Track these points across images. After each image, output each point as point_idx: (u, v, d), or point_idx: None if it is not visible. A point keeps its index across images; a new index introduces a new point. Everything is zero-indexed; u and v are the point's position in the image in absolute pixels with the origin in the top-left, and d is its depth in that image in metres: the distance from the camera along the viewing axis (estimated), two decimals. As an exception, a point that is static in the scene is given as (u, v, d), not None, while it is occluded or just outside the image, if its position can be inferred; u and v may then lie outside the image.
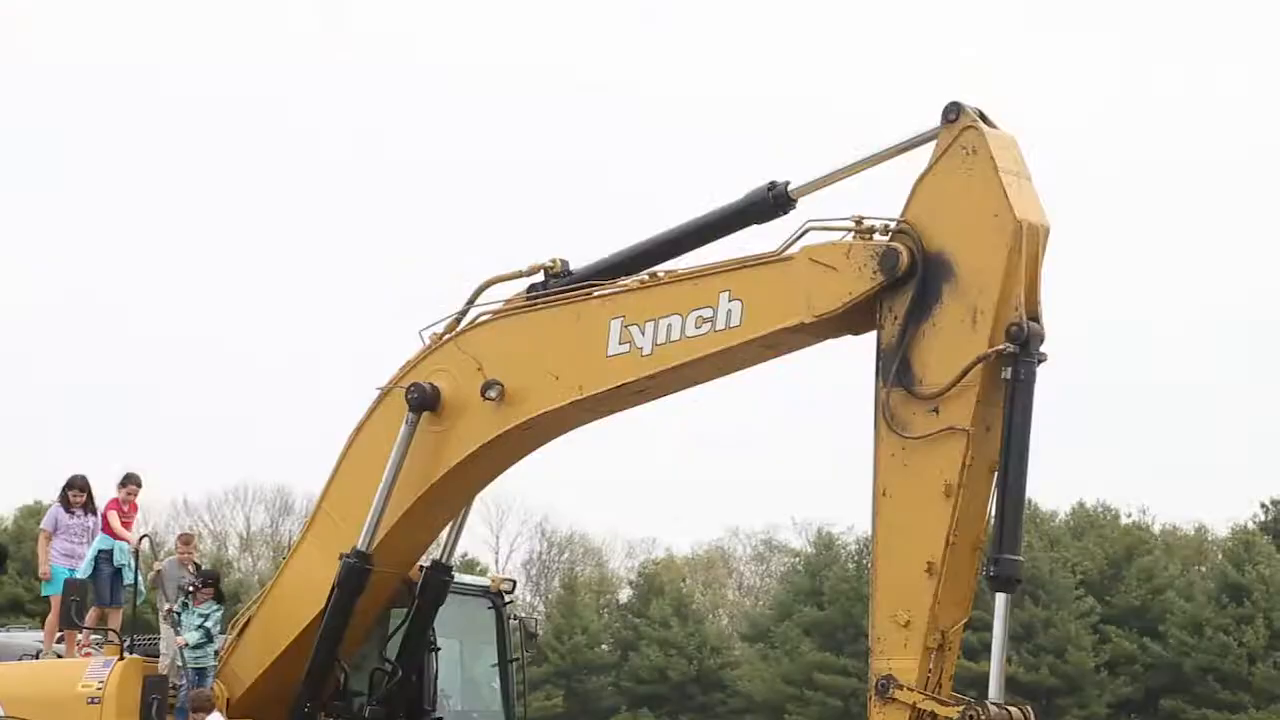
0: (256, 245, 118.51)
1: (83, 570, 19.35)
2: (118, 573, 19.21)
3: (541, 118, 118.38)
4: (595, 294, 16.30)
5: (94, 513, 20.03)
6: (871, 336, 14.66)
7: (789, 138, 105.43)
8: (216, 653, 17.99)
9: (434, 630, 18.61)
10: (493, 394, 16.67)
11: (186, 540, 19.57)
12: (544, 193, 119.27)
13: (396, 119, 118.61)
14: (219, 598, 18.19)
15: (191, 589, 18.10)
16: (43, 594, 20.45)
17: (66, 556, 19.76)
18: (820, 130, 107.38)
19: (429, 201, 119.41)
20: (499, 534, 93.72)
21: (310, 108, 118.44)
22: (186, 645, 17.85)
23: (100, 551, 19.32)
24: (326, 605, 17.54)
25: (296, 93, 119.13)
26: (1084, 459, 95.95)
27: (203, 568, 18.88)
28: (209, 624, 17.98)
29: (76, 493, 20.03)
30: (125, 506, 19.45)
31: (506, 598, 19.96)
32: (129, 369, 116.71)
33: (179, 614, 18.03)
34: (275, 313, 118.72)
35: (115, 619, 19.17)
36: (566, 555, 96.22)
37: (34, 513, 71.58)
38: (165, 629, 18.23)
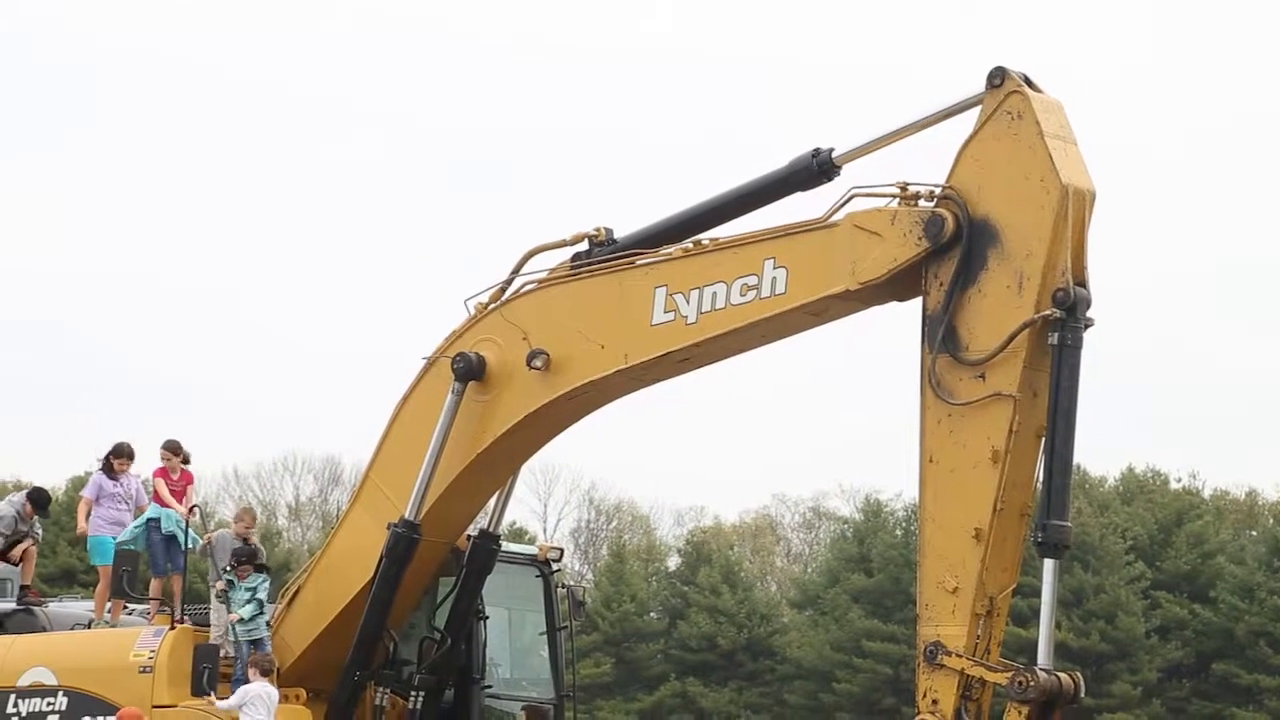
0: (303, 213, 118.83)
1: (125, 536, 19.31)
2: (168, 541, 19.19)
3: (589, 84, 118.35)
4: (639, 262, 16.31)
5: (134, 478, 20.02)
6: (917, 303, 14.63)
7: (834, 104, 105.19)
8: (268, 623, 18.07)
9: (482, 599, 18.68)
10: (538, 363, 16.70)
11: (242, 515, 19.62)
12: (588, 161, 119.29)
13: (439, 89, 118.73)
14: (261, 569, 18.24)
15: (231, 566, 18.17)
16: (92, 563, 20.52)
17: (111, 524, 19.74)
18: (865, 96, 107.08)
19: (472, 170, 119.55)
20: (546, 502, 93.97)
21: (345, 78, 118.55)
22: (241, 620, 17.91)
23: (149, 520, 19.29)
24: (375, 574, 17.63)
25: (332, 64, 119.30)
26: (1133, 423, 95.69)
27: (251, 542, 18.89)
28: (259, 594, 18.05)
29: (123, 460, 20.03)
30: (174, 475, 19.40)
31: (554, 566, 20.00)
32: (178, 339, 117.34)
33: (227, 591, 18.09)
34: (322, 284, 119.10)
35: (176, 585, 19.13)
36: (614, 523, 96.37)
37: (82, 483, 72.09)
38: (215, 602, 18.29)
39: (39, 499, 21.00)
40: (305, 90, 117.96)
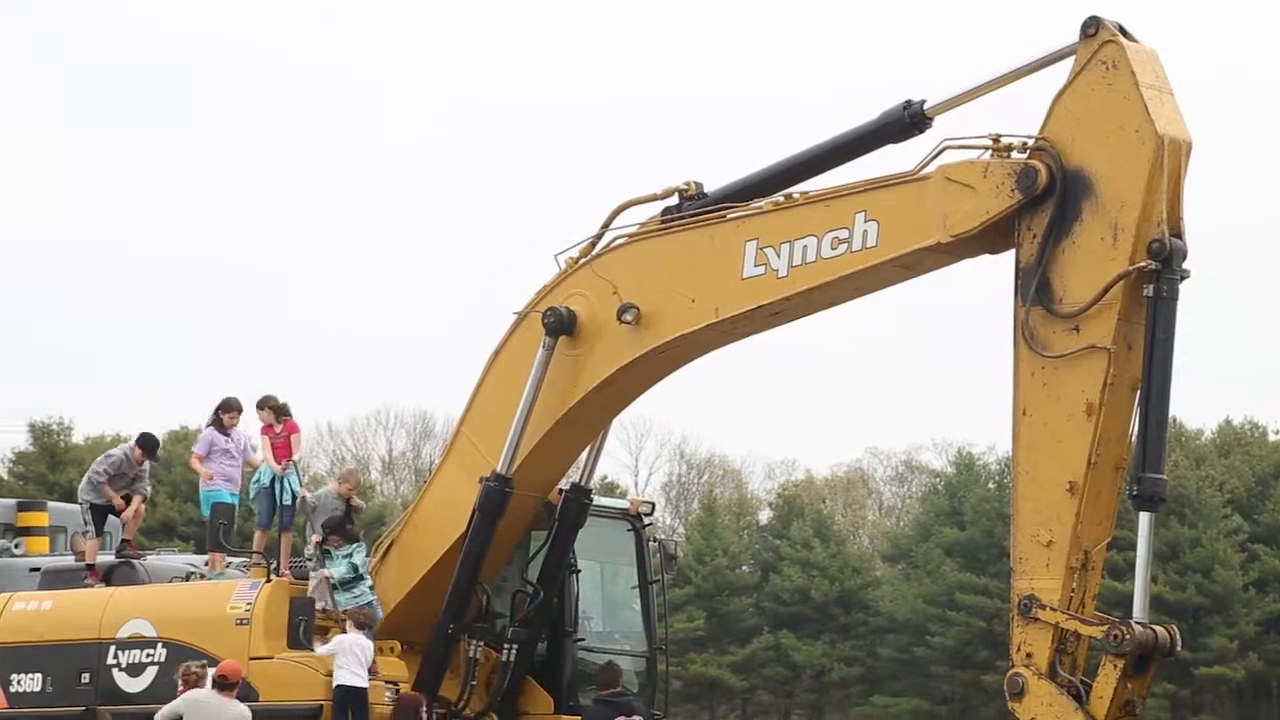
0: (393, 170, 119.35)
1: (252, 493, 19.40)
2: (270, 495, 19.28)
3: (673, 49, 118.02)
4: (730, 216, 16.27)
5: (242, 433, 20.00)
6: (1010, 255, 14.53)
7: (925, 56, 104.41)
8: (371, 588, 18.15)
9: (574, 553, 18.74)
10: (629, 317, 16.71)
11: (346, 477, 19.69)
12: (679, 119, 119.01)
13: (523, 55, 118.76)
14: (350, 538, 18.32)
15: (323, 536, 18.26)
16: (203, 516, 20.55)
17: (222, 480, 19.79)
18: (957, 48, 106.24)
19: (562, 127, 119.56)
20: (638, 457, 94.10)
21: (425, 49, 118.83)
22: (334, 579, 18.02)
23: (260, 475, 19.34)
24: (468, 528, 17.73)
25: (410, 30, 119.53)
26: (1230, 375, 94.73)
27: (354, 503, 18.94)
28: (356, 560, 18.15)
29: (233, 415, 19.96)
30: (278, 429, 19.43)
31: (645, 520, 20.04)
32: (275, 296, 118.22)
33: (322, 558, 18.21)
34: (414, 240, 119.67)
35: (283, 540, 19.21)
36: (706, 477, 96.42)
37: (181, 438, 72.70)
38: (314, 562, 18.39)
39: (147, 443, 21.01)
40: (375, 62, 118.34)
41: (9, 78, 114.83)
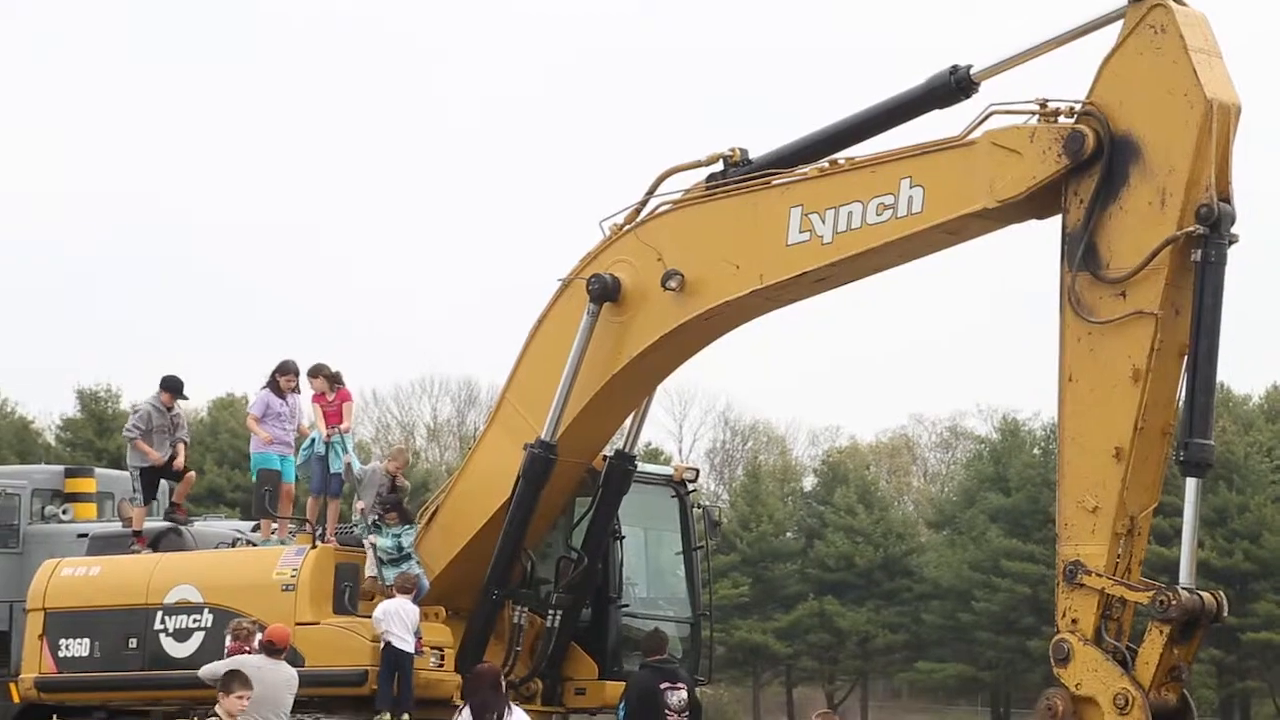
0: (436, 139, 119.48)
1: (300, 457, 19.34)
2: (323, 463, 19.22)
3: (718, 5, 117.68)
4: (775, 182, 16.24)
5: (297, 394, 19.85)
6: (1056, 221, 14.46)
7: (973, 20, 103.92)
8: (418, 562, 18.17)
9: (618, 519, 18.77)
10: (673, 284, 16.71)
11: (396, 455, 19.71)
12: (723, 82, 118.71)
13: (574, 20, 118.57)
14: (405, 518, 18.36)
15: (379, 514, 18.29)
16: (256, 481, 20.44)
17: (276, 443, 19.68)
18: (1003, 12, 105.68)
19: (606, 92, 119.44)
20: (682, 423, 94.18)
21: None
22: (379, 550, 18.05)
23: (313, 441, 19.24)
24: (512, 494, 17.77)
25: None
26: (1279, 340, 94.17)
27: (400, 483, 18.94)
28: (403, 540, 18.18)
29: (289, 378, 19.79)
30: (329, 396, 19.44)
31: (690, 486, 20.05)
32: (322, 262, 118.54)
33: (373, 531, 18.24)
34: (460, 206, 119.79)
35: (330, 507, 19.19)
36: (750, 444, 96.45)
37: (226, 404, 73.11)
38: (365, 536, 18.40)
39: (171, 384, 20.67)
40: (436, 25, 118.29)
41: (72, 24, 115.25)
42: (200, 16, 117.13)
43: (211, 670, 16.28)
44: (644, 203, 17.37)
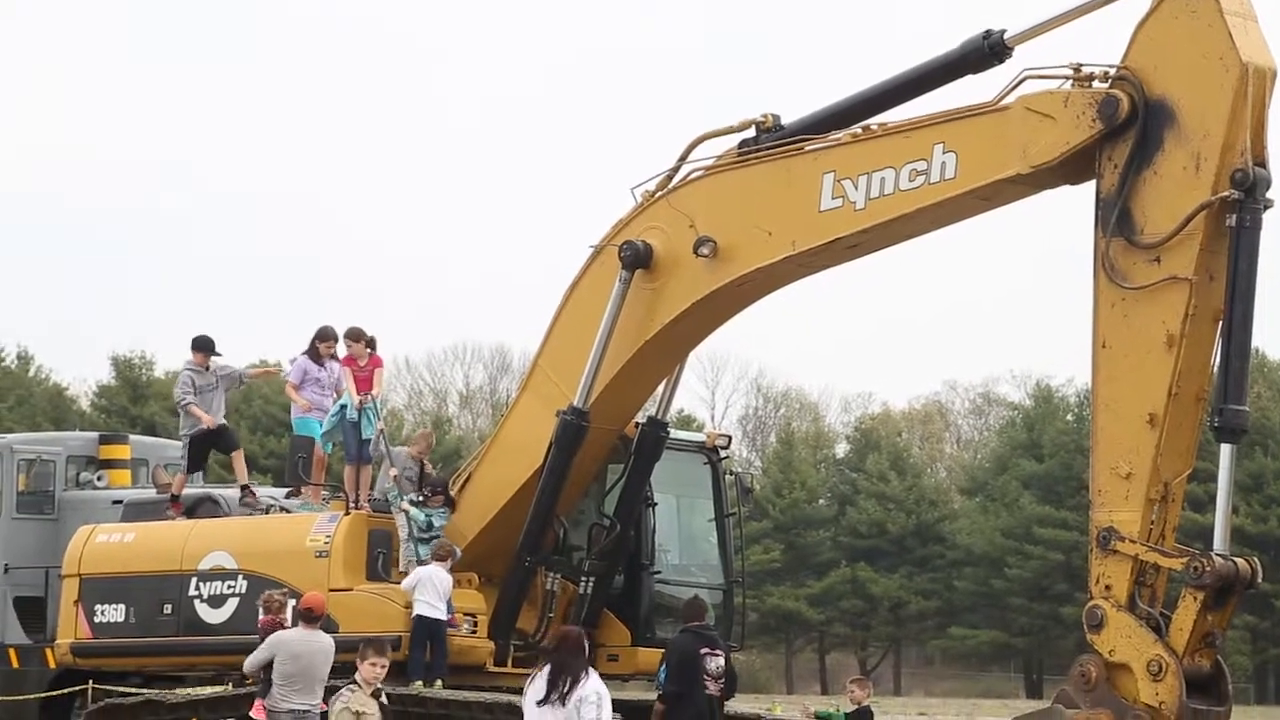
0: (465, 104, 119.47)
1: (327, 425, 19.34)
2: (356, 429, 19.03)
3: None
4: (808, 148, 16.20)
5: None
6: (1090, 186, 14.40)
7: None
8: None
9: (651, 486, 18.77)
10: (705, 250, 16.68)
11: (418, 440, 19.63)
12: (758, 47, 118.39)
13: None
14: (449, 503, 18.34)
15: (425, 496, 18.26)
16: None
17: (315, 409, 19.59)
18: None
19: (639, 60, 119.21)
20: (714, 390, 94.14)
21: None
22: (411, 516, 18.05)
23: (342, 407, 19.27)
24: (544, 461, 17.79)
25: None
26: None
27: (426, 468, 18.88)
28: (435, 521, 18.19)
29: (329, 343, 19.68)
30: (360, 361, 19.39)
31: (722, 453, 20.04)
32: (353, 230, 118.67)
33: (408, 511, 18.22)
34: (492, 174, 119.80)
35: (364, 473, 19.16)
36: (782, 411, 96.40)
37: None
38: (394, 507, 18.40)
39: (202, 343, 20.57)
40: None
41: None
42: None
43: (253, 662, 16.32)
44: (676, 169, 17.34)
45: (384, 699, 12.91)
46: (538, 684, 13.48)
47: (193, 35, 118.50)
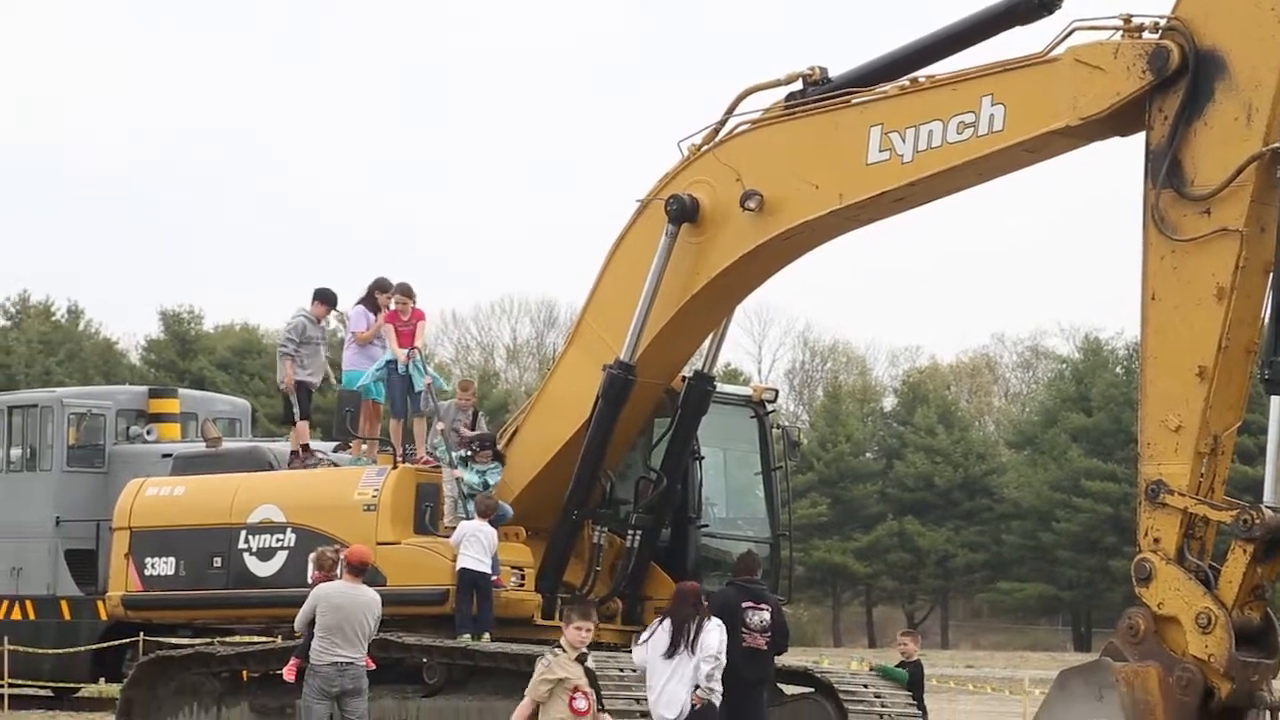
0: (521, 60, 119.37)
1: (366, 378, 19.35)
2: (405, 382, 19.02)
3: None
4: (855, 101, 16.13)
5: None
6: (1139, 138, 14.30)
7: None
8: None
9: (697, 439, 18.77)
10: (752, 204, 16.65)
11: (465, 387, 19.56)
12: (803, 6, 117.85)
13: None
14: (498, 458, 18.35)
15: (473, 451, 18.24)
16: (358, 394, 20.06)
17: (368, 360, 19.45)
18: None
19: (691, 13, 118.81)
20: (761, 344, 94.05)
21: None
22: (464, 483, 18.07)
23: (388, 362, 19.20)
24: (591, 415, 17.81)
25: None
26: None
27: (478, 415, 18.83)
28: (488, 479, 18.20)
29: (387, 296, 19.43)
30: (404, 316, 19.31)
31: (769, 407, 20.01)
32: (398, 184, 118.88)
33: (459, 465, 18.22)
34: (539, 127, 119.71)
35: (419, 428, 19.13)
36: (829, 364, 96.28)
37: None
38: (445, 469, 18.41)
39: (323, 294, 20.31)
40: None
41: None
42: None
43: (301, 617, 16.41)
44: (723, 123, 17.28)
45: (590, 664, 12.73)
46: (659, 638, 15.24)
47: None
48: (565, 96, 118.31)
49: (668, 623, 15.58)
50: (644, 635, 15.81)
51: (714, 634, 15.56)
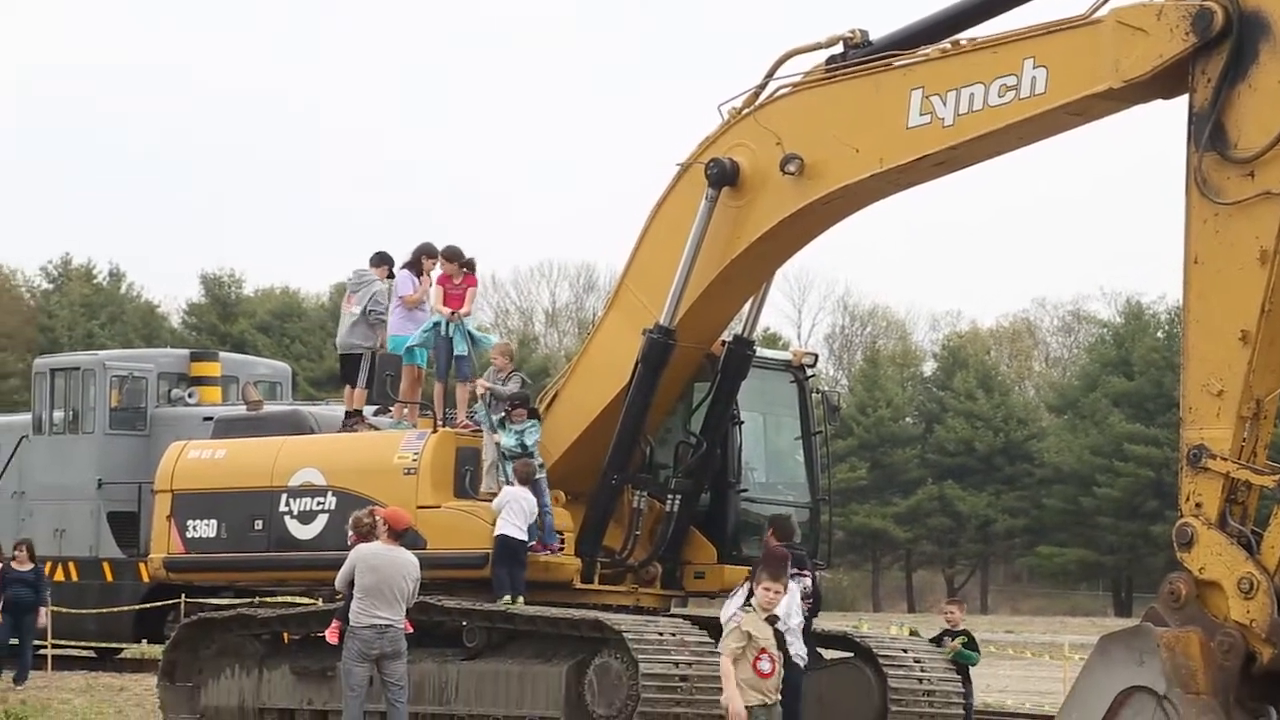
0: (562, 22, 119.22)
1: (414, 340, 19.39)
2: (448, 345, 19.01)
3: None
4: (895, 64, 16.05)
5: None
6: (1182, 100, 14.20)
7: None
8: (540, 466, 18.12)
9: (737, 404, 18.76)
10: (792, 168, 16.60)
11: (501, 350, 19.53)
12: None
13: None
14: (534, 416, 18.30)
15: (507, 410, 18.20)
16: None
17: (414, 324, 19.46)
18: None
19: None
20: (800, 308, 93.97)
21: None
22: (502, 447, 18.03)
23: (435, 324, 19.17)
24: (631, 380, 17.81)
25: None
26: None
27: (517, 375, 18.73)
28: (525, 439, 18.18)
29: (431, 261, 19.47)
30: (455, 280, 19.24)
31: (808, 371, 19.98)
32: (438, 151, 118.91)
33: (497, 428, 18.19)
34: (578, 90, 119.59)
35: (461, 392, 19.14)
36: (869, 329, 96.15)
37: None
38: (485, 433, 18.42)
39: (386, 258, 20.19)
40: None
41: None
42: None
43: (342, 576, 16.48)
44: (763, 86, 17.22)
45: (779, 626, 12.70)
46: (739, 597, 14.78)
47: None
48: (602, 59, 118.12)
49: (745, 586, 15.63)
50: (732, 594, 15.83)
51: (792, 605, 15.70)
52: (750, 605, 12.55)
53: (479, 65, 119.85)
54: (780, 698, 12.67)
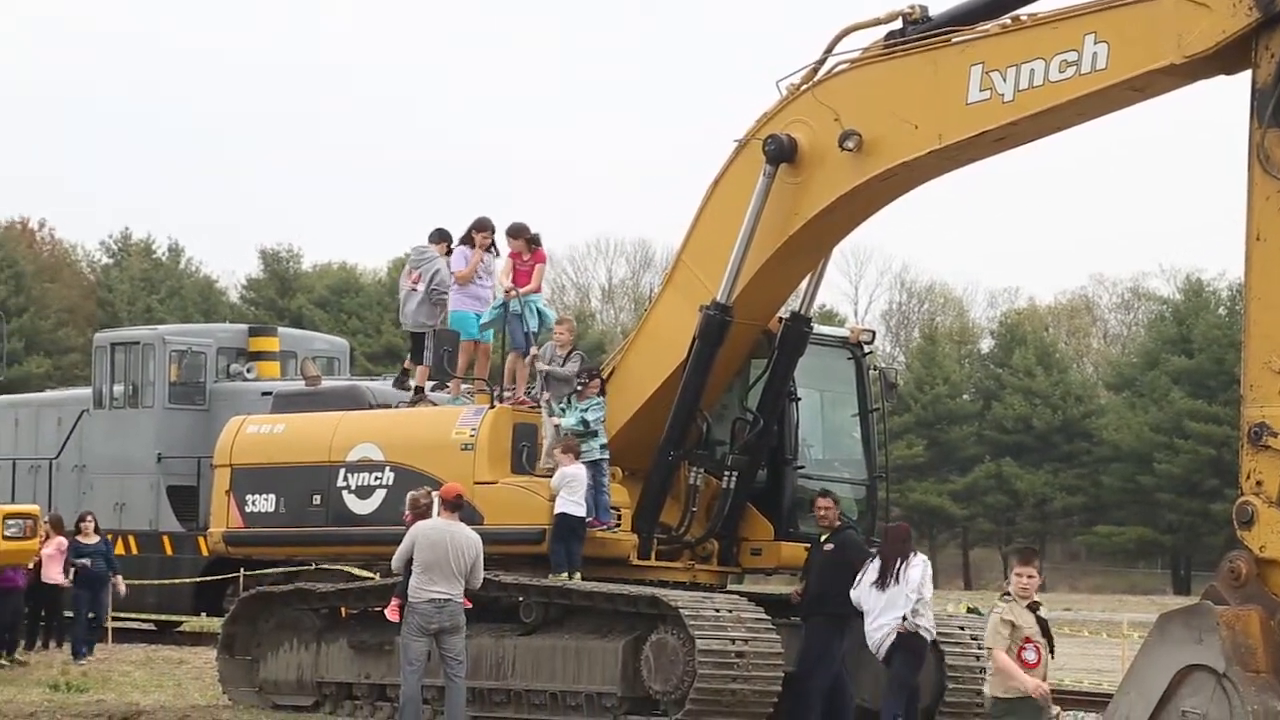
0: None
1: (487, 317, 19.41)
2: (519, 320, 18.93)
3: None
4: (955, 40, 15.98)
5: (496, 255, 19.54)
6: (1246, 76, 14.09)
7: None
8: (603, 446, 18.07)
9: (794, 381, 18.73)
10: (850, 144, 16.55)
11: (561, 322, 19.43)
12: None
13: None
14: (603, 392, 18.24)
15: (582, 383, 18.14)
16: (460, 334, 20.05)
17: (471, 299, 19.50)
18: None
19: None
20: (858, 285, 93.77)
21: None
22: (564, 429, 17.98)
23: (504, 303, 18.97)
24: (688, 356, 17.80)
25: None
26: None
27: (577, 354, 18.66)
28: (589, 416, 18.09)
29: (485, 235, 19.48)
30: (524, 256, 19.15)
31: (866, 348, 19.92)
32: (494, 126, 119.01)
33: (563, 408, 18.16)
34: (633, 65, 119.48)
35: (523, 369, 18.99)
36: (926, 306, 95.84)
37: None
38: (544, 415, 18.40)
39: (446, 235, 20.07)
40: None
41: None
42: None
43: (398, 556, 16.55)
44: (821, 62, 17.16)
45: (1041, 612, 12.70)
46: (870, 572, 16.67)
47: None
48: (662, 36, 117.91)
49: (878, 560, 16.76)
50: (861, 573, 16.90)
51: (915, 570, 16.73)
52: (1010, 594, 12.60)
53: (528, 40, 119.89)
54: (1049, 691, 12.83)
